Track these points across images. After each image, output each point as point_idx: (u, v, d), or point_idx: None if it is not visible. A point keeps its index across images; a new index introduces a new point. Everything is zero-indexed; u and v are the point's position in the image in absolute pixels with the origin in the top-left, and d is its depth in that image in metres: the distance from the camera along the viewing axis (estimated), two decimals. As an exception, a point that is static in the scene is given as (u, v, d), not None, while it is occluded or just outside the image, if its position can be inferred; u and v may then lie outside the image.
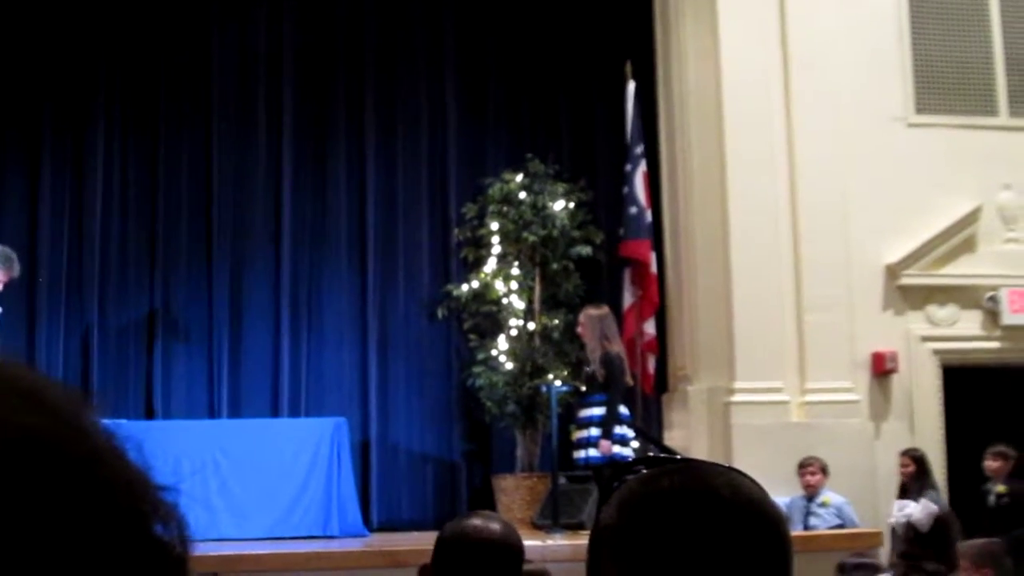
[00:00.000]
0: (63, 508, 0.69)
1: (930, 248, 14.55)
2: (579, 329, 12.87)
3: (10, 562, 0.66)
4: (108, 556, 0.71)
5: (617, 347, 12.50)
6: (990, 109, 15.04)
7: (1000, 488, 12.55)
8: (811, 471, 12.80)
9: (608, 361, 12.23)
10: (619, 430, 12.12)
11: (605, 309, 12.81)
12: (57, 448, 0.72)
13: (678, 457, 1.93)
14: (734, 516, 1.66)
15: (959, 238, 14.68)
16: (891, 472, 13.22)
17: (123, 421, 11.25)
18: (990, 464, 12.70)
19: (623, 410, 12.24)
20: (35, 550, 0.67)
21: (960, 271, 14.63)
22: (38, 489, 0.69)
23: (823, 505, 12.67)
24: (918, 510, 12.00)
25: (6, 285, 11.67)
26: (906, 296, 14.56)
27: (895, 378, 14.37)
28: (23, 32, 15.16)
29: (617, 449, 11.99)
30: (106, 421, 0.78)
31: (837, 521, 12.54)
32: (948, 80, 15.00)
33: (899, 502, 12.26)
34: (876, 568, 7.26)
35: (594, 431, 12.13)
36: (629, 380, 12.67)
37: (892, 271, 14.48)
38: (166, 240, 15.51)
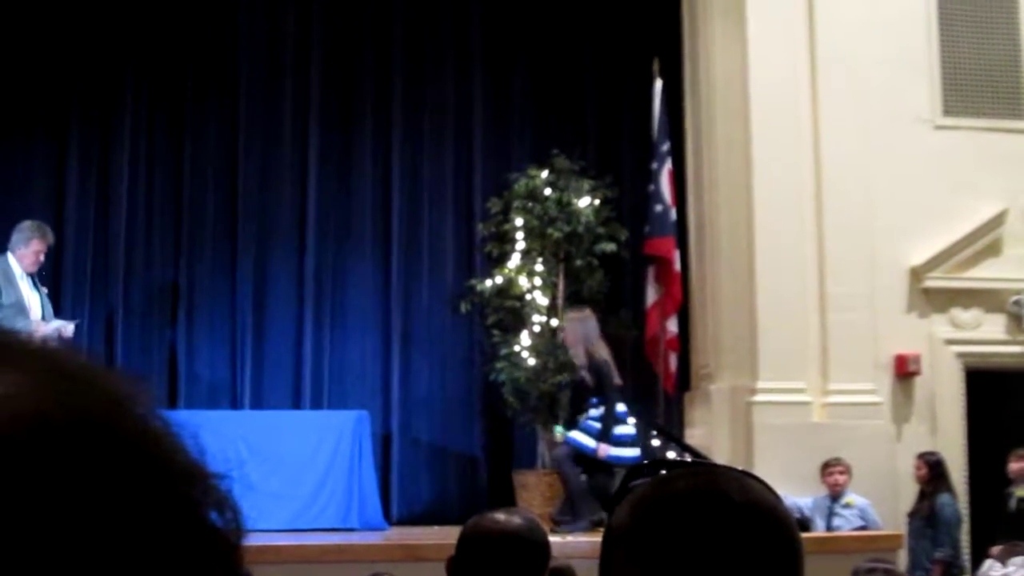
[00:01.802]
0: (117, 492, 0.70)
1: (955, 251, 14.51)
2: (562, 335, 12.99)
3: (65, 545, 0.67)
4: (161, 541, 0.72)
5: (603, 351, 12.61)
6: (1017, 112, 14.99)
7: (1021, 492, 12.51)
8: (839, 470, 12.79)
9: (597, 369, 12.34)
10: (619, 431, 12.23)
11: (587, 312, 12.99)
12: (112, 432, 0.73)
13: (689, 460, 1.94)
14: (745, 520, 1.67)
15: (984, 241, 14.63)
16: (912, 475, 13.19)
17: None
18: (1014, 466, 12.66)
19: (620, 408, 12.38)
20: (90, 532, 0.68)
21: (985, 274, 14.59)
22: (93, 472, 0.70)
23: (847, 506, 12.65)
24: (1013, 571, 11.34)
25: (45, 255, 11.92)
26: (930, 298, 14.52)
27: (918, 380, 14.33)
28: (53, 14, 15.20)
29: (617, 451, 12.13)
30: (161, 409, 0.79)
31: (860, 522, 12.52)
32: (976, 83, 14.95)
33: (989, 561, 11.70)
34: (891, 572, 7.23)
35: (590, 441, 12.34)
36: (618, 380, 12.76)
37: (916, 273, 14.45)
38: (191, 230, 15.56)
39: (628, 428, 12.51)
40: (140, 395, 0.78)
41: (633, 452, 12.44)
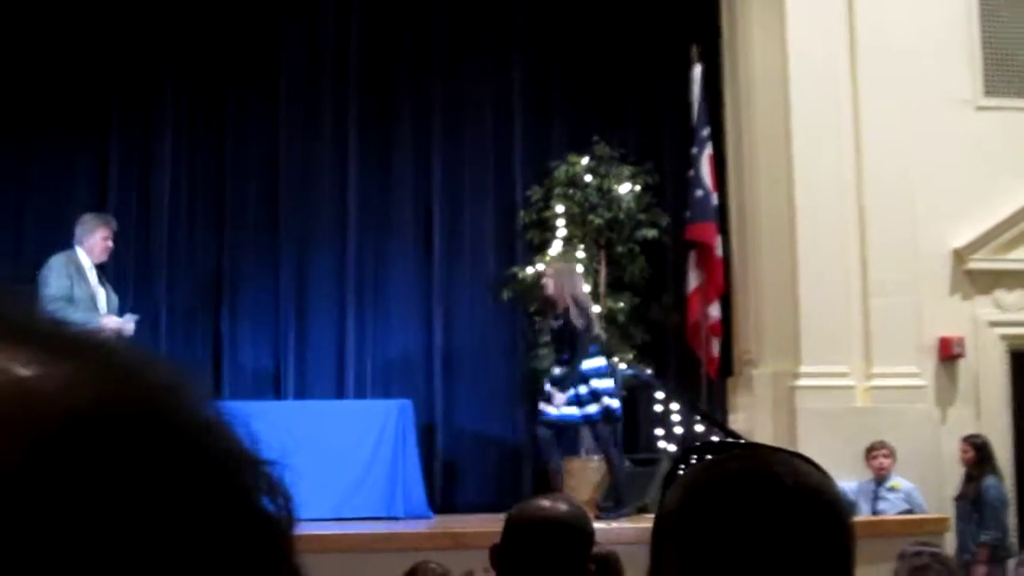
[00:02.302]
0: (172, 481, 0.71)
1: (998, 232, 14.45)
2: (544, 280, 12.90)
3: (124, 533, 0.68)
4: (216, 527, 0.73)
5: (589, 303, 12.60)
6: (1060, 92, 14.93)
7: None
8: (884, 453, 12.75)
9: (586, 316, 12.30)
10: (602, 384, 12.16)
11: (572, 265, 12.91)
12: (167, 421, 0.74)
13: (742, 442, 1.94)
14: (796, 503, 1.68)
15: (1028, 222, 14.58)
16: (957, 458, 13.14)
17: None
18: None
19: (600, 362, 12.35)
20: (147, 522, 0.69)
21: (1029, 256, 14.54)
22: (150, 461, 0.71)
23: (892, 490, 12.62)
24: None
25: (112, 242, 12.17)
26: (973, 281, 14.46)
27: (962, 363, 14.28)
28: (94, 13, 15.27)
29: (572, 410, 12.11)
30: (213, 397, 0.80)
31: (905, 506, 12.49)
32: (1017, 63, 14.88)
33: None
34: (938, 556, 7.20)
35: (583, 388, 12.23)
36: (600, 332, 12.76)
37: (959, 255, 14.39)
38: (233, 225, 15.61)
39: (608, 382, 12.44)
40: (192, 384, 0.78)
41: (614, 403, 12.38)
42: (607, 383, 12.36)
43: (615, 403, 12.32)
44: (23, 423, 0.69)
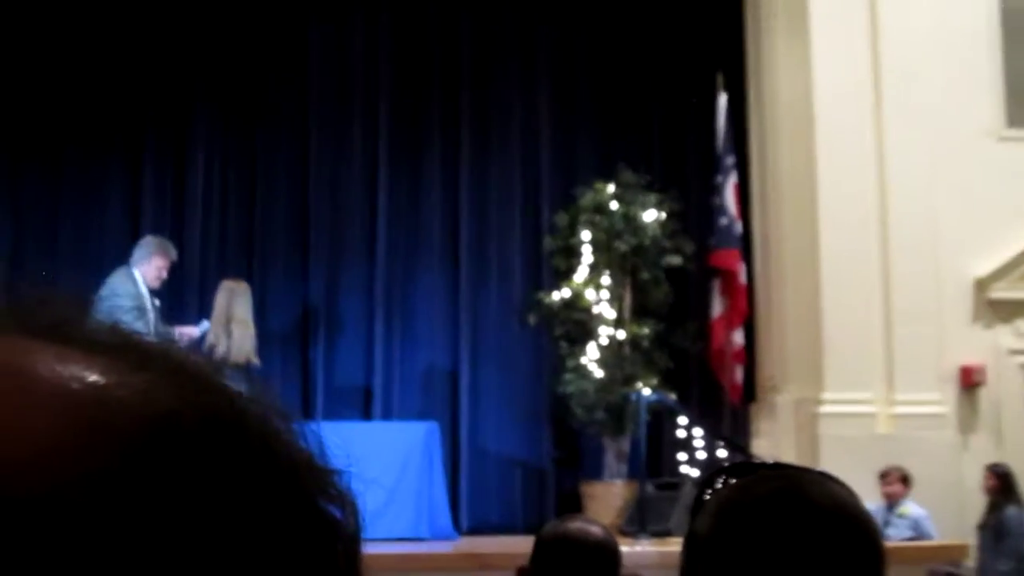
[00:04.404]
0: (248, 486, 0.73)
1: (1020, 262, 14.49)
2: (217, 298, 12.74)
3: (204, 537, 0.71)
4: (288, 533, 0.75)
5: (240, 330, 12.31)
6: (1082, 123, 14.97)
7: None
8: (888, 481, 12.74)
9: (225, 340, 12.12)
10: None
11: (242, 284, 12.75)
12: (239, 429, 0.75)
13: (769, 463, 1.97)
14: (830, 524, 1.71)
15: (1049, 252, 14.62)
16: (978, 485, 13.15)
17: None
18: None
19: None
20: (226, 526, 0.72)
21: (1050, 285, 14.58)
22: (225, 468, 0.73)
23: (900, 516, 12.59)
24: None
25: (169, 272, 12.03)
26: (995, 309, 14.51)
27: (983, 391, 14.32)
28: (124, 37, 15.43)
29: None
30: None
31: (910, 533, 12.44)
32: (1040, 94, 14.95)
33: None
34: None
35: None
36: (255, 360, 12.47)
37: (981, 284, 14.44)
38: (263, 247, 15.73)
39: None
40: (260, 393, 0.80)
41: None
42: None
43: None
44: (106, 431, 0.71)
